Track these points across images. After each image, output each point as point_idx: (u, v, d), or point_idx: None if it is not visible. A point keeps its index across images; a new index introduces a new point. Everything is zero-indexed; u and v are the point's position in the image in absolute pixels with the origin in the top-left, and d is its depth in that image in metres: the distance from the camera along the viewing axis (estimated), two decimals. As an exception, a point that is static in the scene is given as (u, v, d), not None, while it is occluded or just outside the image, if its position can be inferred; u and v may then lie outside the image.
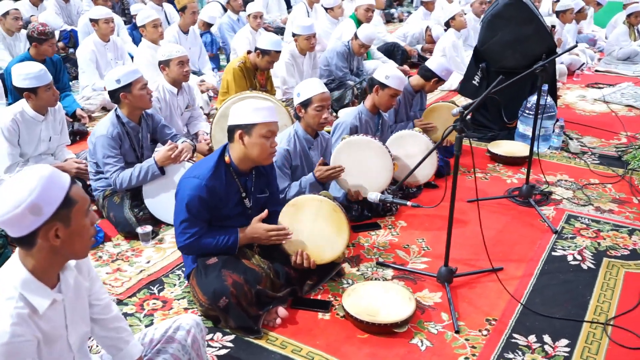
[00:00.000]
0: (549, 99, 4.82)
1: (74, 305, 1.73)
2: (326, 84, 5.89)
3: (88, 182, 3.68)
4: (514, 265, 3.21)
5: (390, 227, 3.62)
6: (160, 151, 3.46)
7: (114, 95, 3.43)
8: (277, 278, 2.79)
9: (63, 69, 5.26)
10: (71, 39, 7.23)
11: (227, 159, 2.72)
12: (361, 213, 3.64)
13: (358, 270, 3.14)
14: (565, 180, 4.32)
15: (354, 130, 3.81)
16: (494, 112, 5.13)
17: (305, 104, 3.32)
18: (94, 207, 3.68)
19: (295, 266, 2.82)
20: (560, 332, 2.66)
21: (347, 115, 3.92)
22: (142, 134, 3.60)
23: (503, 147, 4.75)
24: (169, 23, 7.48)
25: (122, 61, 6.07)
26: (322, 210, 2.73)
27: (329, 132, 3.82)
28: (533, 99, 4.81)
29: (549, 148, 4.93)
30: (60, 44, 7.15)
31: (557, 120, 4.91)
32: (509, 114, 5.03)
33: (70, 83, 6.23)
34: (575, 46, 3.90)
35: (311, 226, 2.77)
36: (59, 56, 5.35)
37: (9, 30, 5.93)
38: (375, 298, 2.75)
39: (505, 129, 5.12)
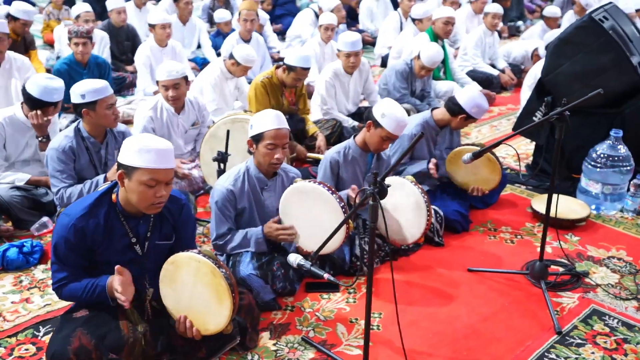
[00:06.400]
0: (623, 149, 3.80)
1: None
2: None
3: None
4: (476, 371, 2.46)
5: (351, 291, 3.00)
6: (114, 167, 3.22)
7: (76, 108, 3.25)
8: (153, 345, 2.36)
9: (108, 72, 5.25)
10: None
11: (114, 197, 2.36)
12: (320, 269, 3.06)
13: (276, 343, 2.60)
14: (619, 259, 3.33)
15: (335, 167, 3.26)
16: (559, 159, 4.18)
17: (257, 138, 2.85)
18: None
19: (179, 333, 2.38)
20: None
21: (333, 149, 3.36)
22: (107, 150, 3.39)
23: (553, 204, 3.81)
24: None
25: (180, 66, 6.00)
26: (200, 273, 2.25)
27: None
28: (602, 147, 3.85)
29: (621, 210, 3.89)
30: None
31: (635, 177, 3.85)
32: (574, 164, 4.08)
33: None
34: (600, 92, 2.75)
35: (191, 290, 2.30)
36: (104, 59, 5.37)
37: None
38: (252, 391, 2.21)
39: (569, 180, 4.16)
